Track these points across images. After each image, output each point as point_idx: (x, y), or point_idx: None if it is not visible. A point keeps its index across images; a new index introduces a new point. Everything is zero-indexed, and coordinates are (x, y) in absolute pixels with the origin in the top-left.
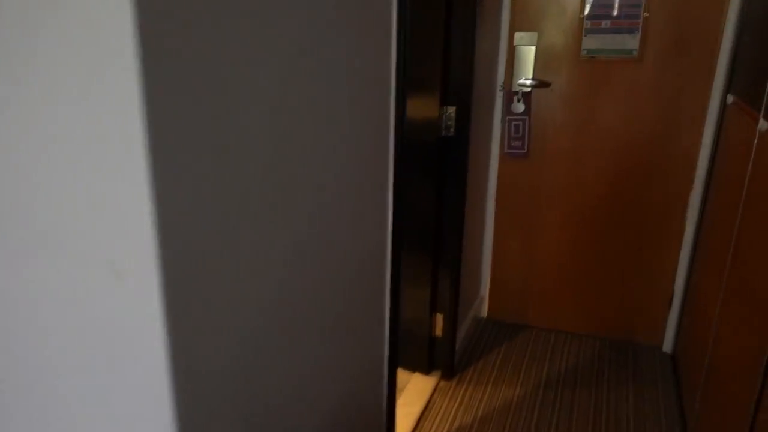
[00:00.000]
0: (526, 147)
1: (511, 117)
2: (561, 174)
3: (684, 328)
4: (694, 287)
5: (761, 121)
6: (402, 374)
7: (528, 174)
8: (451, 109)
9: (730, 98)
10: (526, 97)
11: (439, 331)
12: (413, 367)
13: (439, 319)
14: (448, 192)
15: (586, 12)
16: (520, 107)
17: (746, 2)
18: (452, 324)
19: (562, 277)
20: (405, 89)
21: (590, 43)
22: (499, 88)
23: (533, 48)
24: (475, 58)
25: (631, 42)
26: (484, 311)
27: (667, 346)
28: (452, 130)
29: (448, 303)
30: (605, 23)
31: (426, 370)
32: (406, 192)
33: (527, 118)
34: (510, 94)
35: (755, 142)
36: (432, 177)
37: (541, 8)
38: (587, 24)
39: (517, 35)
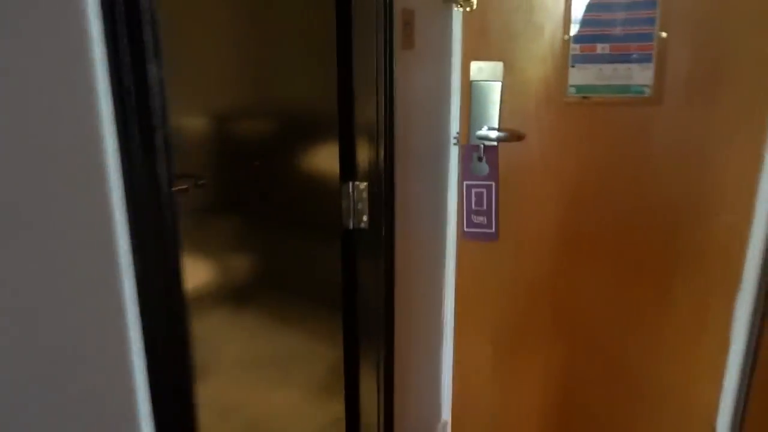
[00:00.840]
0: (494, 225)
1: (470, 182)
2: (546, 265)
3: None
4: None
5: None
6: None
7: (499, 263)
8: (362, 187)
9: None
10: (491, 154)
11: None
12: None
13: None
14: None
15: (573, 31)
16: (482, 168)
17: None
18: None
19: (552, 401)
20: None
21: (580, 76)
22: (452, 141)
23: (498, 84)
24: (399, 97)
25: (642, 75)
26: None
27: None
28: (364, 219)
29: None
30: (602, 48)
31: None
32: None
33: (493, 183)
34: (468, 150)
35: None
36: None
37: (506, 27)
38: (575, 49)
39: (475, 66)
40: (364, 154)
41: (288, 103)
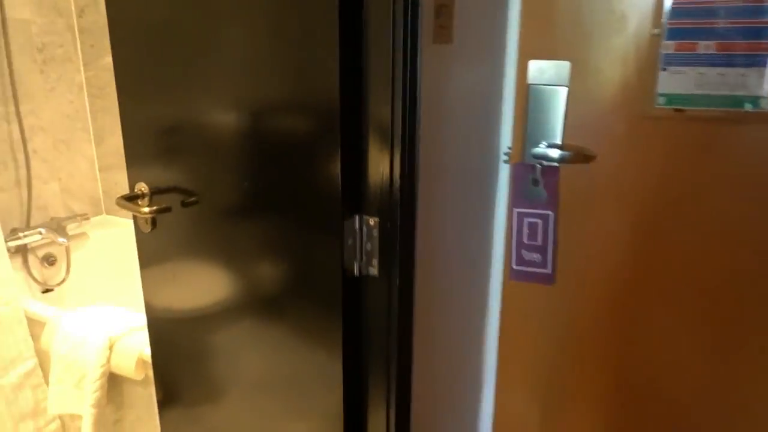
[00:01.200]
0: (550, 264)
1: (522, 210)
2: (613, 317)
3: None
4: None
5: None
6: None
7: (554, 309)
8: (372, 223)
9: None
10: (550, 176)
11: None
12: None
13: None
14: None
15: (666, 21)
16: (538, 194)
17: None
18: None
19: None
20: None
21: (674, 83)
22: (502, 157)
23: (563, 90)
24: (429, 106)
25: (759, 83)
26: None
27: None
28: (374, 263)
29: None
30: (705, 45)
31: None
32: None
33: (551, 213)
34: (521, 171)
35: None
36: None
37: (578, 18)
38: (668, 47)
39: (534, 67)
40: (375, 180)
41: (285, 112)
